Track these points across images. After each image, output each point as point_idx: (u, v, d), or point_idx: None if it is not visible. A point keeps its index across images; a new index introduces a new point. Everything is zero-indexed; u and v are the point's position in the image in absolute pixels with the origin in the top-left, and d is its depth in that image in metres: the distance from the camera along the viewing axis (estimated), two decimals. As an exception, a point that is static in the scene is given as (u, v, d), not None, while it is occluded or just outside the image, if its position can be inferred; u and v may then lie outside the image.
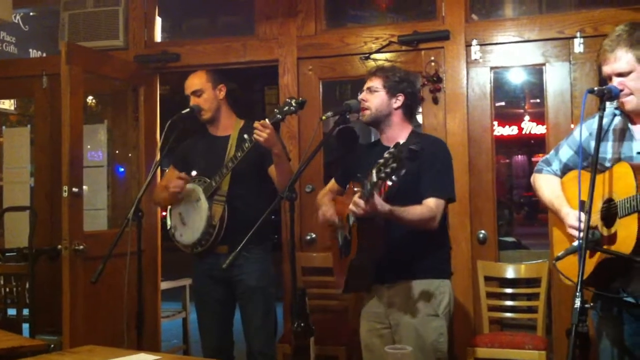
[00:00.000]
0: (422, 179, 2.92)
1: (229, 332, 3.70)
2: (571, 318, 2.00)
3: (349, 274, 2.95)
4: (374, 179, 2.42)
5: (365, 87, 3.10)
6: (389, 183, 2.41)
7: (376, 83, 3.07)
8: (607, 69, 2.51)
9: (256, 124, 3.26)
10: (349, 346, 4.12)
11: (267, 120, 3.26)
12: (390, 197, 2.78)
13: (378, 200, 2.59)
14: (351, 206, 2.64)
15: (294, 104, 3.26)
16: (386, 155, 2.38)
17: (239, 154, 3.44)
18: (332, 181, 3.35)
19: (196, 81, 3.67)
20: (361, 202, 2.57)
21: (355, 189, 2.71)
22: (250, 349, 3.59)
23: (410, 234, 2.91)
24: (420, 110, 4.35)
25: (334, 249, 3.18)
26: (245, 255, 3.39)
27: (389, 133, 3.09)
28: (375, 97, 3.06)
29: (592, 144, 2.43)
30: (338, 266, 3.14)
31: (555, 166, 2.78)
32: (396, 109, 3.06)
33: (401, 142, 2.50)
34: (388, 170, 2.34)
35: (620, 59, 2.45)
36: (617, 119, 2.58)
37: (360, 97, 3.08)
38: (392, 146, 2.40)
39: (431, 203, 2.88)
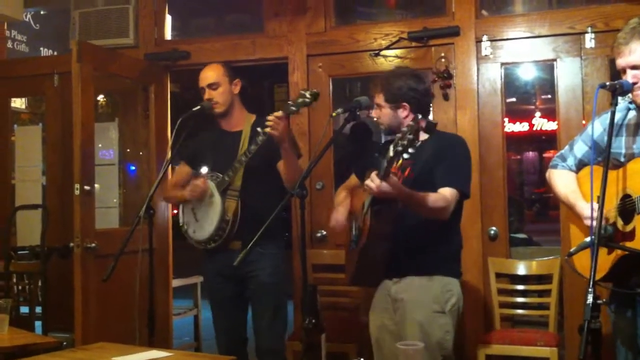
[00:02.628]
0: (437, 170, 2.92)
1: (241, 328, 3.69)
2: (583, 314, 1.99)
3: (357, 266, 2.96)
4: (391, 153, 2.47)
5: (374, 103, 3.14)
6: (406, 156, 2.43)
7: (380, 99, 3.09)
8: (621, 62, 2.50)
9: (270, 117, 3.25)
10: (359, 343, 4.12)
11: (281, 112, 3.26)
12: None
13: (395, 180, 2.59)
14: (367, 181, 2.66)
15: (308, 96, 3.25)
16: (404, 129, 2.44)
17: (253, 148, 3.42)
18: (352, 176, 3.36)
19: (213, 74, 3.64)
20: (376, 179, 2.59)
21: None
22: (259, 345, 3.58)
23: (421, 229, 2.91)
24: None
25: (345, 242, 3.19)
26: (260, 251, 3.38)
27: None
28: (382, 114, 3.10)
29: (607, 139, 2.42)
30: (347, 259, 3.14)
31: (570, 162, 2.77)
32: (405, 117, 3.05)
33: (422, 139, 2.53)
34: (405, 142, 2.40)
35: (635, 51, 2.44)
36: (632, 114, 2.57)
37: (372, 114, 3.15)
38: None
39: (445, 192, 2.88)
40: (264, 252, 3.45)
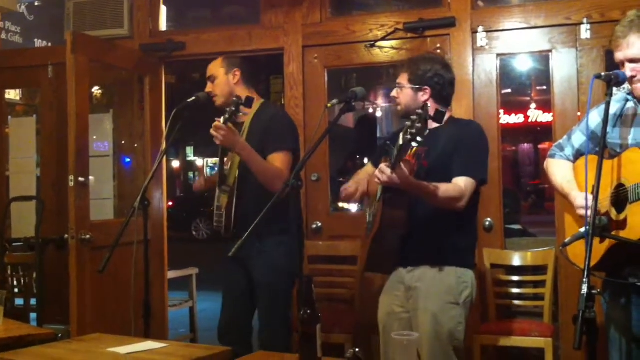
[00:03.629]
0: (454, 158, 2.91)
1: (245, 318, 3.63)
2: (578, 304, 1.99)
3: (369, 253, 2.96)
4: (401, 141, 2.47)
5: (396, 83, 3.14)
6: (414, 144, 2.43)
7: (402, 79, 3.09)
8: (619, 55, 2.49)
9: (213, 126, 3.25)
10: (355, 334, 4.13)
11: (220, 120, 3.24)
12: (421, 178, 2.78)
13: (402, 172, 2.60)
14: (377, 172, 2.67)
15: (235, 104, 3.24)
16: (412, 117, 2.44)
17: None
18: (369, 164, 3.35)
19: (211, 67, 3.63)
20: (387, 170, 2.60)
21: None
22: (261, 339, 3.59)
23: (436, 218, 2.90)
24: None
25: (363, 230, 3.19)
26: (257, 247, 3.38)
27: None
28: (403, 94, 3.08)
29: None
30: (363, 246, 3.15)
31: (568, 151, 2.77)
32: (424, 101, 3.02)
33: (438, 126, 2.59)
34: (414, 130, 2.40)
35: (633, 44, 2.44)
36: (629, 105, 2.57)
37: (392, 94, 3.15)
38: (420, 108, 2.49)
39: (460, 182, 2.87)
40: (260, 249, 3.42)
